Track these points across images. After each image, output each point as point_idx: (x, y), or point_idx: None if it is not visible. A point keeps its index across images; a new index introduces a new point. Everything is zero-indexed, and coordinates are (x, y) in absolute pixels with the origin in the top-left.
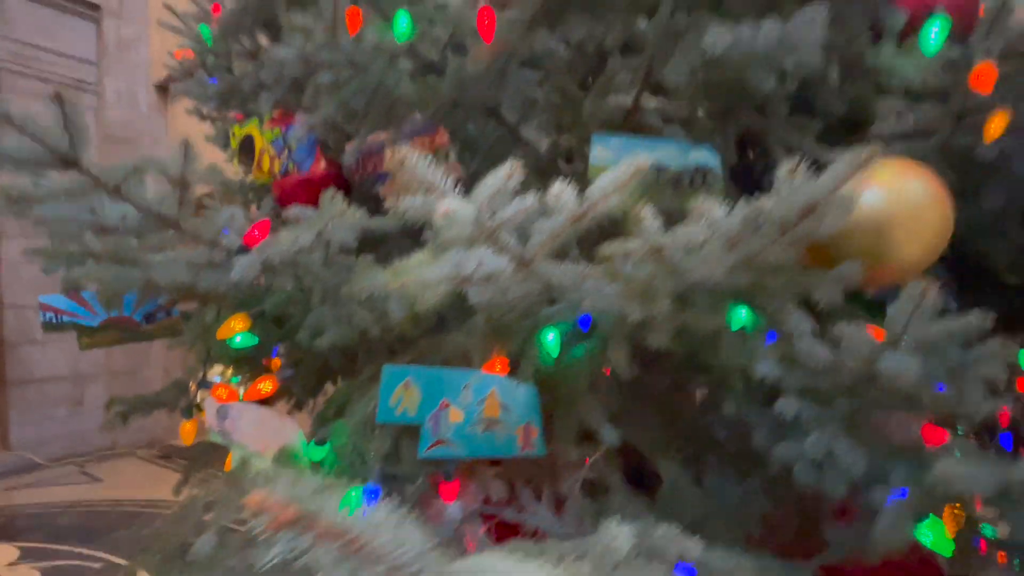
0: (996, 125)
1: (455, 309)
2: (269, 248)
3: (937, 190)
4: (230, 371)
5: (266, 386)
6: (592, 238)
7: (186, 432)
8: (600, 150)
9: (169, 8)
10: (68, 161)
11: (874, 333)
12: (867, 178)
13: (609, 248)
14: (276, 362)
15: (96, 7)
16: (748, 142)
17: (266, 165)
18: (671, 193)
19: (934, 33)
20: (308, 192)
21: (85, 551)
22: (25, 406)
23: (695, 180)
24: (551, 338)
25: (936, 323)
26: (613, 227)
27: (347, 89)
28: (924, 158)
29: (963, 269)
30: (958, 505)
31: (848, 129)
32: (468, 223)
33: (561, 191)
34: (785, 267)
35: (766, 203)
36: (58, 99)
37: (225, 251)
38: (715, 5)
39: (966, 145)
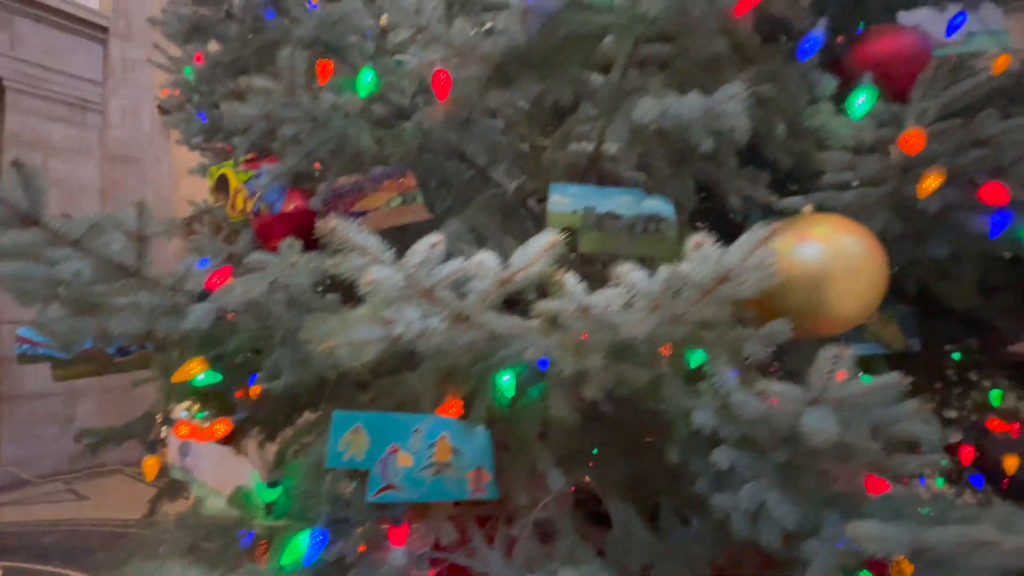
0: (930, 182)
1: (411, 353)
2: (224, 296)
3: (871, 247)
4: (196, 407)
5: (220, 428)
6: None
7: (148, 467)
8: (558, 197)
9: (159, 48)
10: (29, 220)
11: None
12: (805, 234)
13: (542, 306)
14: (255, 389)
15: (104, 29)
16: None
17: (239, 204)
18: (626, 239)
19: (861, 100)
20: (285, 228)
21: (67, 571)
22: (16, 423)
23: (649, 227)
24: (506, 379)
25: (853, 383)
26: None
27: (310, 142)
28: (874, 207)
29: (929, 307)
30: (903, 560)
31: (802, 179)
32: (395, 288)
33: (483, 259)
34: (715, 323)
35: (684, 268)
36: (18, 166)
37: (187, 296)
38: (664, 66)
39: (912, 195)
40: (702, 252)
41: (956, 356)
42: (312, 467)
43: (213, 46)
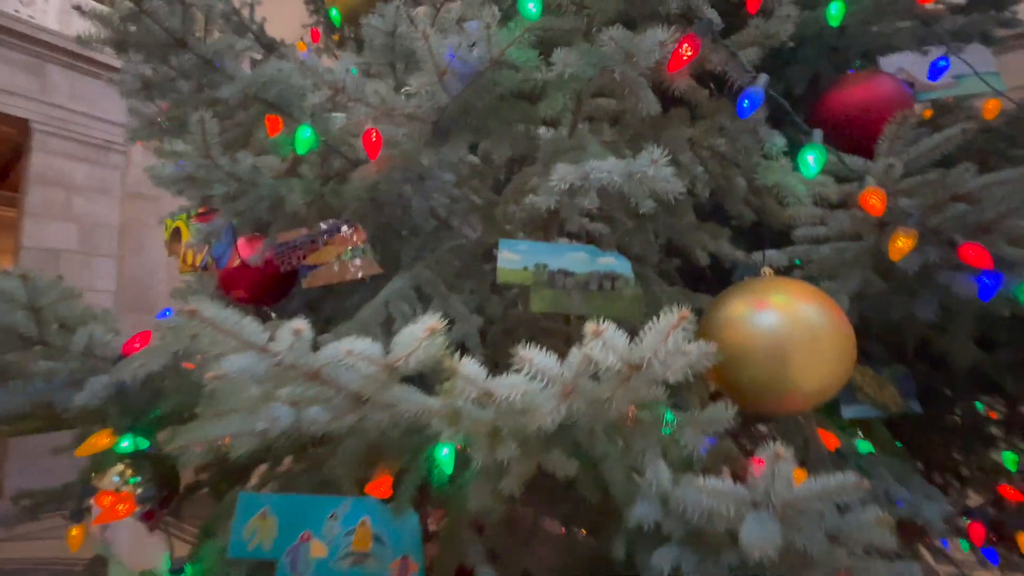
0: (902, 242)
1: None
2: (121, 369)
3: (835, 315)
4: (128, 472)
5: (122, 508)
6: None
7: (72, 539)
8: (507, 254)
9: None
10: None
11: (826, 440)
12: (762, 300)
13: (445, 386)
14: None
15: None
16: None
17: (189, 258)
18: (580, 297)
19: (811, 159)
20: (247, 279)
21: None
22: (24, 455)
23: (604, 286)
24: (445, 454)
25: (802, 487)
26: None
27: (242, 202)
28: (851, 263)
29: (930, 365)
30: None
31: (772, 234)
32: (262, 375)
33: (360, 346)
34: (649, 406)
35: (595, 353)
36: None
37: (103, 362)
38: (615, 120)
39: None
40: (605, 338)
41: (979, 406)
42: (219, 552)
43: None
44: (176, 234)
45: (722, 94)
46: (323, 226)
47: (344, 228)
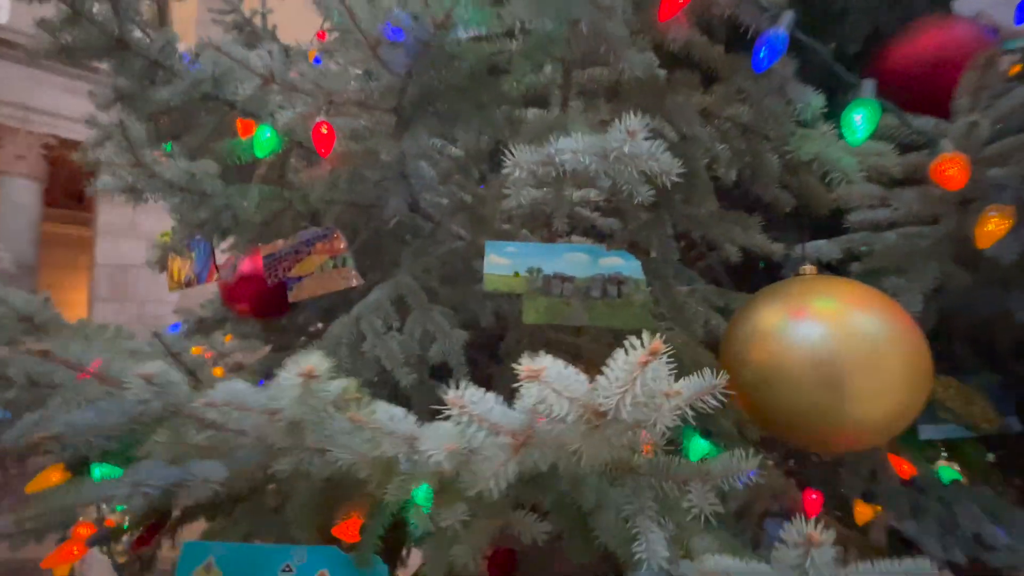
0: (993, 226)
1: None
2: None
3: (901, 324)
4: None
5: (76, 551)
6: None
7: (56, 572)
8: (495, 258)
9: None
10: None
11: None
12: (800, 307)
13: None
14: None
15: None
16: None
17: (175, 274)
18: (580, 306)
19: (859, 119)
20: (247, 292)
21: None
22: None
23: (609, 291)
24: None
25: (852, 569)
26: None
27: (200, 211)
28: (926, 253)
29: None
30: None
31: (818, 220)
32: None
33: (235, 387)
34: (635, 457)
35: (551, 398)
36: None
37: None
38: (613, 93)
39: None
40: (551, 378)
41: None
42: None
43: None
44: (165, 251)
45: (739, 49)
46: (305, 235)
47: (322, 238)
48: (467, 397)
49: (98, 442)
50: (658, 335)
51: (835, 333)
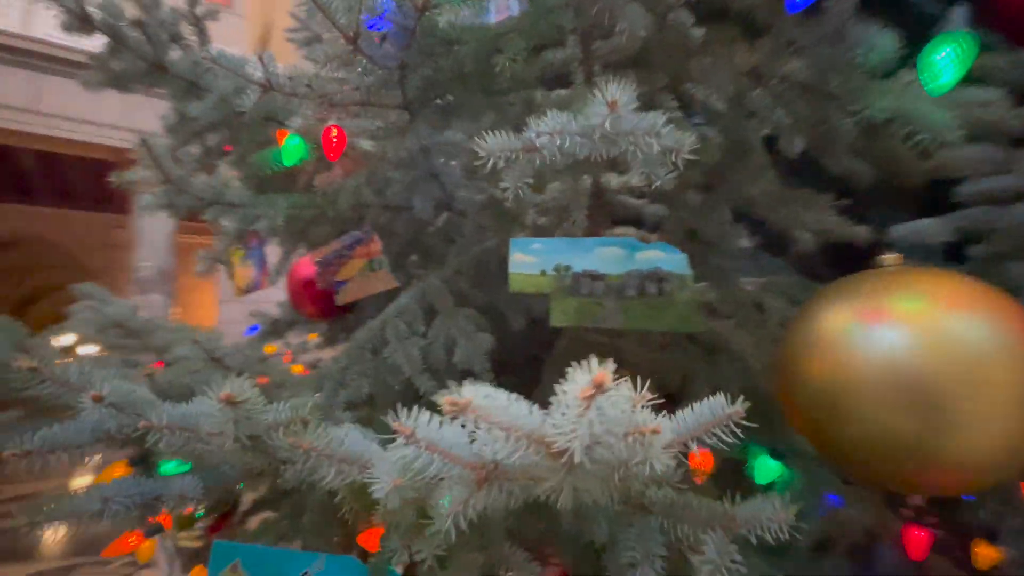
0: None
1: None
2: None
3: (1020, 330)
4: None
5: (133, 541)
6: None
7: (141, 551)
8: (520, 256)
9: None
10: None
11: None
12: (876, 309)
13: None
14: None
15: None
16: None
17: (240, 282)
18: (613, 306)
19: (943, 58)
20: (312, 296)
21: None
22: None
23: (647, 289)
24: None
25: None
26: None
27: (235, 221)
28: None
29: None
30: None
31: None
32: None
33: (185, 408)
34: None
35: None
36: None
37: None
38: (636, 63)
39: None
40: (491, 406)
41: None
42: None
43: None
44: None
45: None
46: (347, 239)
47: (361, 241)
48: (418, 424)
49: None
50: (615, 366)
51: (924, 341)
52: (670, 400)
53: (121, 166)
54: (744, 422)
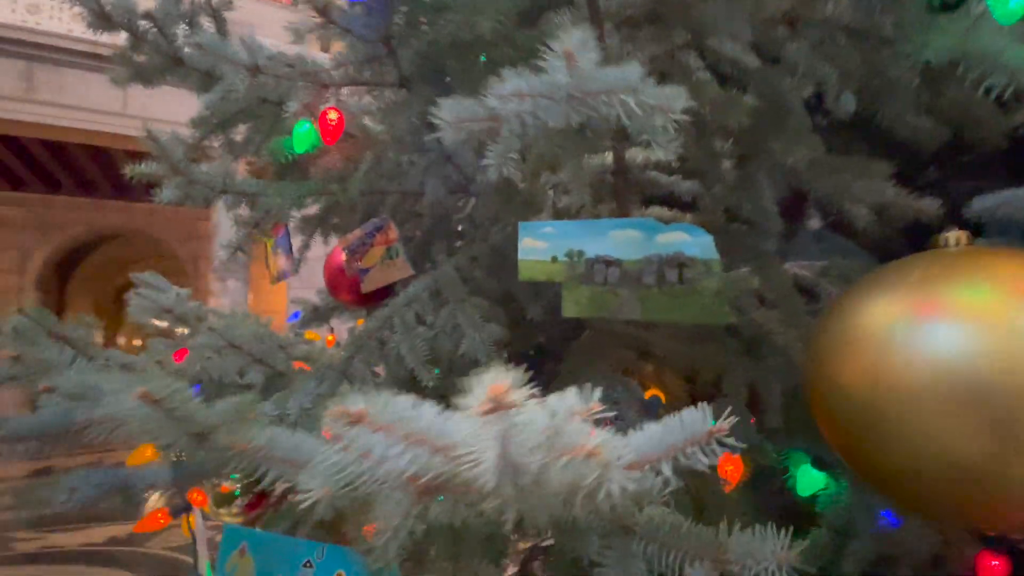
0: None
1: None
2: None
3: None
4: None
5: (162, 519)
6: None
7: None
8: (530, 241)
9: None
10: None
11: None
12: (930, 300)
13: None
14: None
15: None
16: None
17: (272, 269)
18: (631, 296)
19: None
20: (347, 283)
21: None
22: None
23: (668, 277)
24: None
25: None
26: None
27: (250, 213)
28: None
29: None
30: None
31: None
32: None
33: (121, 403)
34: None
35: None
36: None
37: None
38: (650, 18)
39: None
40: (390, 417)
41: None
42: None
43: None
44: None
45: None
46: (368, 226)
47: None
48: (351, 431)
49: None
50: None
51: (991, 338)
52: (702, 399)
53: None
54: (783, 427)
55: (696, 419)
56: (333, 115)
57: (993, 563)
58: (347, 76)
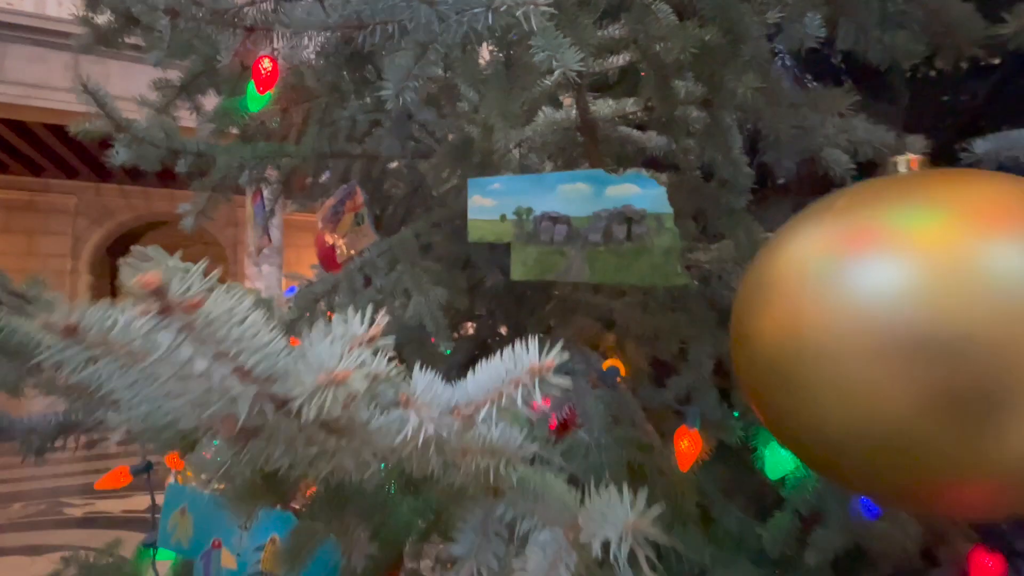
0: None
1: None
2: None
3: None
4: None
5: (123, 479)
6: None
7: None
8: (479, 199)
9: None
10: None
11: None
12: (863, 233)
13: None
14: None
15: None
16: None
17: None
18: (577, 255)
19: None
20: (330, 254)
21: None
22: None
23: (616, 234)
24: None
25: None
26: None
27: (209, 176)
28: None
29: None
30: None
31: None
32: None
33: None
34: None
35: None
36: None
37: None
38: None
39: None
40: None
41: None
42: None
43: None
44: None
45: None
46: (339, 193)
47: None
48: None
49: None
50: None
51: (939, 275)
52: (666, 372)
53: None
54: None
55: (523, 356)
56: (267, 63)
57: (988, 563)
58: (265, 16)
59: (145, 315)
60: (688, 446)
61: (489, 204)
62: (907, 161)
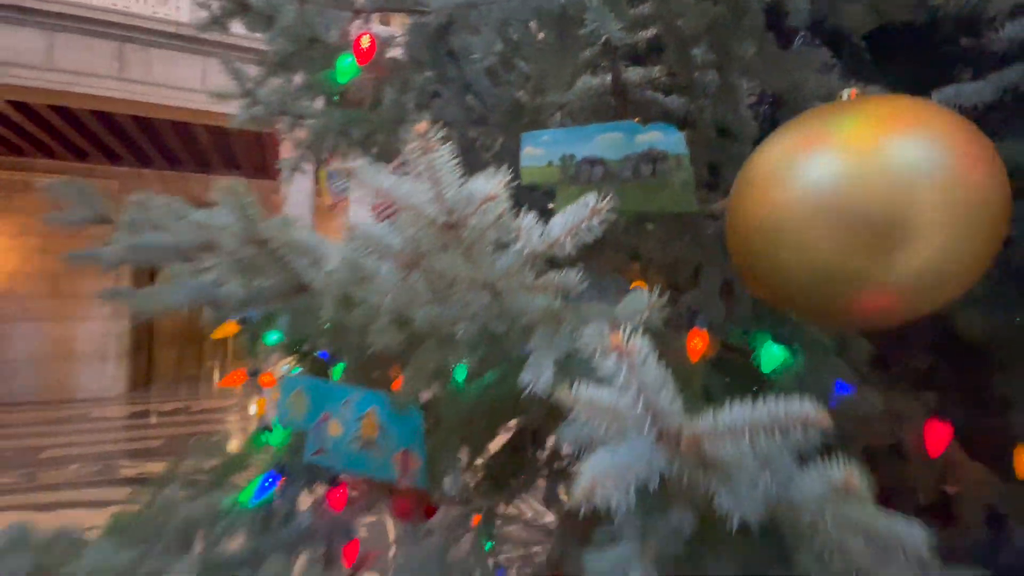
0: None
1: None
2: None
3: (963, 152)
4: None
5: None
6: None
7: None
8: (530, 149)
9: None
10: None
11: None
12: (815, 138)
13: None
14: None
15: None
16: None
17: (326, 197)
18: (612, 190)
19: None
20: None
21: None
22: None
23: (642, 171)
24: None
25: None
26: None
27: (308, 139)
28: None
29: None
30: None
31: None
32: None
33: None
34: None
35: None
36: None
37: None
38: None
39: None
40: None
41: None
42: None
43: None
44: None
45: None
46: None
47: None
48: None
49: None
50: None
51: (857, 163)
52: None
53: (270, 137)
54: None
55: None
56: (366, 40)
57: (939, 426)
58: (374, 2)
59: None
60: (698, 343)
61: (539, 153)
62: (848, 93)
